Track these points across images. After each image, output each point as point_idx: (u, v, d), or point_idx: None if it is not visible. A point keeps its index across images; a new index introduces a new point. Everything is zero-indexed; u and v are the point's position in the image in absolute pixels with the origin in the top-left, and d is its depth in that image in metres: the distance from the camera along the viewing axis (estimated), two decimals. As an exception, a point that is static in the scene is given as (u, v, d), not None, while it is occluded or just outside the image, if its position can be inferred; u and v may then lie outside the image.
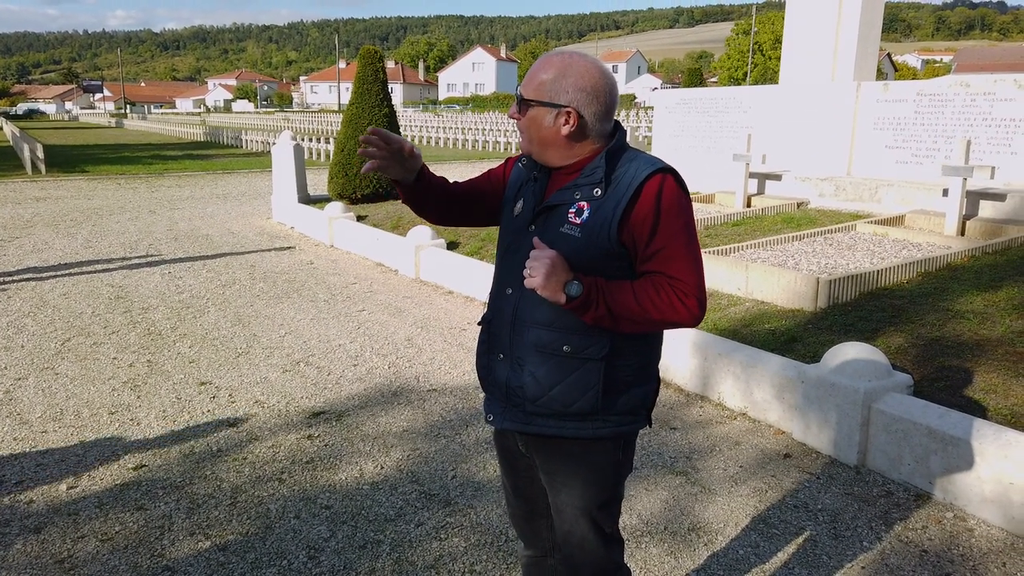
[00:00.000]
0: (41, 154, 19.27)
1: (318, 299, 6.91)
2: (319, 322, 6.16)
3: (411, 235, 7.76)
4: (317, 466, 3.68)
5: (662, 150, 10.94)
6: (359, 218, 9.77)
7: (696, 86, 41.76)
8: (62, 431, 4.08)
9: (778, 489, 3.43)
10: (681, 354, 4.59)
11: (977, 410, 3.58)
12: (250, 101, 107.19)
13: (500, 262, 1.88)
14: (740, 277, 5.62)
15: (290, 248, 9.42)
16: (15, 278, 7.73)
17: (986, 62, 63.52)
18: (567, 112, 1.68)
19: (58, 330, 5.94)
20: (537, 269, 1.61)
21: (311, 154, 23.92)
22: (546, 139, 1.72)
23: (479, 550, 2.97)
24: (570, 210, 1.71)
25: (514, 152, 26.20)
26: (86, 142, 33.57)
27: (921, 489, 3.35)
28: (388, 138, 1.79)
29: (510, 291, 1.80)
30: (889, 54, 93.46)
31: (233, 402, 4.50)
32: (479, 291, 6.75)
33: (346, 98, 14.11)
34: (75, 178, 18.03)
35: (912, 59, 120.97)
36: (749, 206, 8.66)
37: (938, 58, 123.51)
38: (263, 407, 4.42)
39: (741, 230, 7.46)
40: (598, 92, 1.69)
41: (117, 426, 4.15)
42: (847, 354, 3.70)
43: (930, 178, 7.59)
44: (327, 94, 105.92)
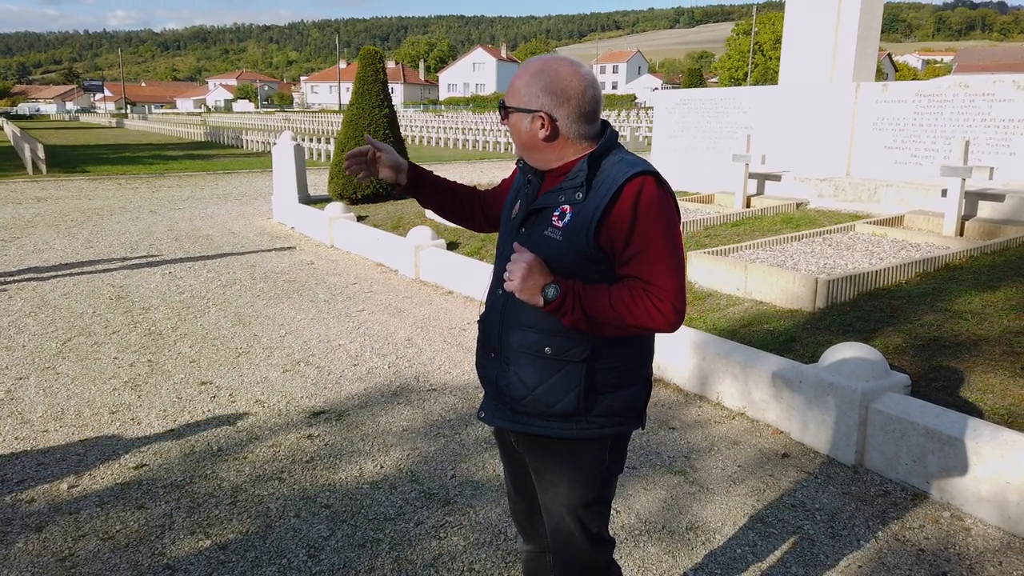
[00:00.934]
0: (42, 154, 19.30)
1: (318, 299, 6.92)
2: (319, 322, 6.18)
3: (411, 235, 7.78)
4: (317, 465, 3.69)
5: (662, 150, 10.96)
6: (359, 218, 9.79)
7: (696, 86, 41.78)
8: (63, 430, 4.10)
9: (776, 488, 3.44)
10: (680, 354, 4.60)
11: (974, 410, 3.59)
12: (251, 101, 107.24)
13: (496, 262, 1.93)
14: (739, 277, 5.63)
15: (290, 248, 9.43)
16: (16, 278, 7.74)
17: (987, 62, 63.51)
18: (540, 116, 1.70)
19: (59, 330, 5.96)
20: (514, 272, 1.65)
21: (311, 154, 23.94)
22: (526, 143, 1.77)
23: (478, 549, 2.99)
24: (554, 213, 1.72)
25: (513, 152, 26.09)
26: (87, 142, 33.60)
27: (918, 488, 3.37)
28: (359, 152, 2.05)
29: (500, 291, 1.84)
30: (890, 54, 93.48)
31: (233, 402, 4.51)
32: (479, 291, 6.77)
33: (347, 98, 14.13)
34: (76, 178, 18.06)
35: (913, 59, 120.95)
36: (748, 206, 8.68)
37: (938, 58, 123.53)
38: (263, 407, 4.44)
39: (740, 230, 7.48)
40: (569, 95, 1.69)
41: (118, 425, 4.16)
42: (845, 354, 3.72)
43: (929, 179, 7.60)
44: (328, 94, 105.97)
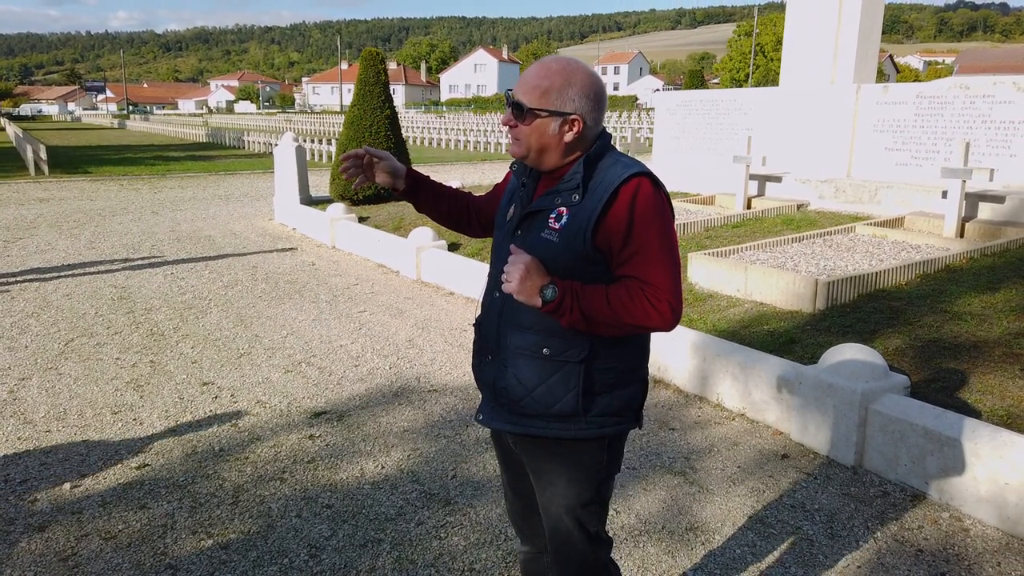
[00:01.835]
0: (44, 155, 19.34)
1: (320, 300, 6.94)
2: (321, 323, 6.19)
3: (412, 236, 7.80)
4: (318, 466, 3.71)
5: (663, 151, 10.98)
6: (361, 219, 9.81)
7: (697, 88, 41.79)
8: (66, 431, 4.11)
9: (775, 489, 3.45)
10: (680, 355, 4.61)
11: (973, 411, 3.60)
12: (252, 102, 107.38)
13: (491, 265, 1.95)
14: (739, 278, 5.64)
15: (292, 249, 9.45)
16: (19, 279, 7.77)
17: (988, 64, 63.48)
18: (573, 120, 1.71)
19: (61, 331, 5.98)
20: (512, 273, 1.65)
21: (313, 155, 23.98)
22: (546, 145, 1.75)
23: (479, 549, 3.00)
24: (551, 215, 1.74)
25: (516, 153, 26.03)
26: (89, 143, 33.65)
27: (917, 489, 3.38)
28: (355, 155, 2.09)
29: (497, 294, 1.84)
30: (891, 56, 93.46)
31: (235, 402, 4.53)
32: (480, 292, 6.78)
33: (348, 99, 14.16)
34: (78, 179, 18.09)
35: (914, 60, 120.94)
36: (749, 208, 8.69)
37: (940, 59, 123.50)
38: (265, 407, 4.45)
39: (741, 232, 7.49)
40: (599, 99, 1.74)
41: (120, 426, 4.18)
42: (845, 355, 3.73)
43: (929, 180, 7.61)
44: (329, 95, 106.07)
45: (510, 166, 1.98)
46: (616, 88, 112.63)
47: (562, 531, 1.92)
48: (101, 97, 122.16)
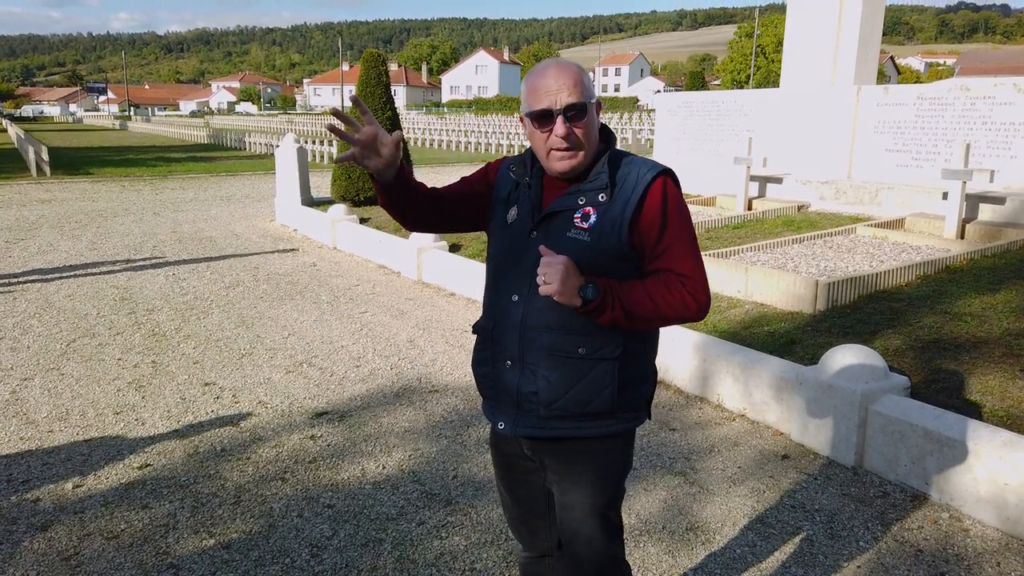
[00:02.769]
0: (46, 156, 19.37)
1: (321, 301, 6.95)
2: (322, 324, 6.21)
3: (414, 237, 7.81)
4: (320, 466, 3.72)
5: (664, 152, 10.99)
6: (362, 220, 9.82)
7: (698, 89, 41.74)
8: (68, 431, 4.13)
9: (776, 489, 3.46)
10: (681, 356, 4.62)
11: (973, 412, 3.61)
12: (253, 103, 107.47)
13: (498, 269, 1.87)
14: (740, 279, 5.65)
15: (293, 250, 9.47)
16: (21, 280, 7.78)
17: (989, 65, 63.49)
18: (597, 103, 1.76)
19: (64, 331, 6.00)
20: (552, 275, 1.62)
21: (314, 156, 24.00)
22: (594, 139, 1.76)
23: (480, 548, 3.01)
24: (575, 215, 1.74)
25: (515, 154, 26.06)
26: (90, 144, 33.69)
27: (917, 490, 3.38)
28: (357, 120, 1.74)
29: (516, 298, 1.79)
30: (892, 57, 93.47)
31: (237, 402, 4.54)
32: (481, 293, 6.79)
33: (349, 101, 14.11)
34: (79, 180, 18.12)
35: (915, 62, 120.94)
36: (750, 209, 8.70)
37: (941, 61, 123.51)
38: (266, 407, 4.46)
39: (742, 233, 7.50)
40: None
41: (122, 426, 4.19)
42: (845, 356, 3.74)
43: (930, 181, 7.62)
44: (330, 96, 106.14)
45: (506, 166, 1.91)
46: (617, 89, 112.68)
47: (585, 532, 1.89)
48: (103, 98, 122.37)
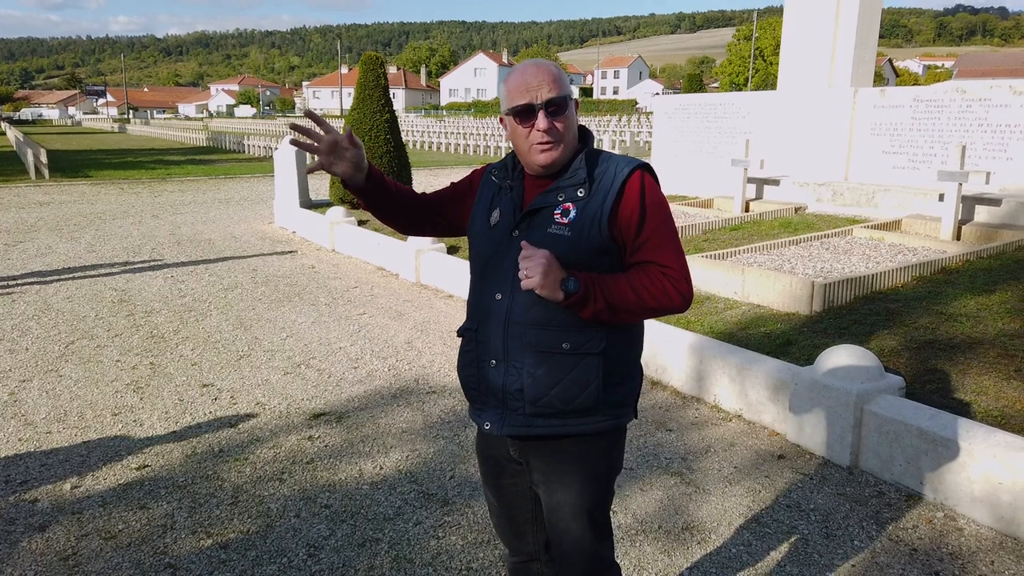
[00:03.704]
0: (44, 159, 19.38)
1: (319, 303, 6.97)
2: (320, 325, 6.22)
3: (412, 240, 7.83)
4: (317, 466, 3.73)
5: (662, 155, 11.02)
6: (360, 223, 9.84)
7: (696, 92, 41.84)
8: (66, 432, 4.14)
9: (771, 489, 3.47)
10: (677, 356, 4.64)
11: (968, 412, 3.63)
12: (252, 106, 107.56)
13: (482, 271, 1.87)
14: (737, 281, 5.67)
15: (292, 252, 9.48)
16: (19, 282, 7.79)
17: (987, 68, 63.60)
18: (575, 100, 1.79)
19: (62, 333, 6.01)
20: (533, 269, 1.63)
21: (313, 159, 23.99)
22: (574, 132, 1.80)
23: (476, 548, 3.02)
24: (555, 211, 1.76)
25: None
26: (89, 147, 33.71)
27: (912, 489, 3.40)
28: (320, 123, 1.86)
29: (499, 296, 1.80)
30: (891, 60, 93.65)
31: (235, 404, 4.55)
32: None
33: (348, 103, 14.20)
34: (78, 183, 18.13)
35: (914, 65, 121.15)
36: (747, 211, 8.72)
37: (940, 64, 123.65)
38: (264, 409, 4.47)
39: (739, 235, 7.52)
40: None
41: (120, 427, 4.20)
42: (840, 356, 3.75)
43: (926, 183, 7.65)
44: (329, 99, 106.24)
45: (489, 172, 1.95)
46: (616, 92, 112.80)
47: (574, 533, 1.89)
48: (102, 101, 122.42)
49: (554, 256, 1.67)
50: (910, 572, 2.85)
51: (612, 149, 22.17)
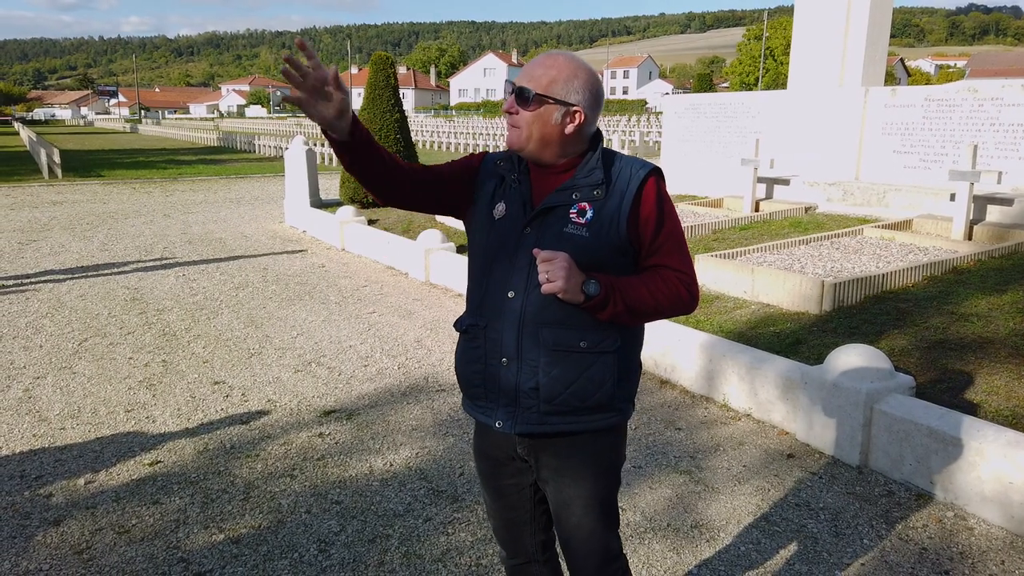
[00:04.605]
0: (57, 159, 19.54)
1: (329, 301, 7.00)
2: (330, 324, 6.25)
3: (421, 238, 7.85)
4: (328, 463, 3.76)
5: (672, 155, 11.00)
6: (370, 222, 9.88)
7: (706, 91, 41.73)
8: (80, 428, 4.18)
9: (781, 488, 3.47)
10: (686, 355, 4.64)
11: (978, 411, 3.62)
12: (263, 106, 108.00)
13: (487, 266, 1.84)
14: (746, 280, 5.66)
15: (302, 251, 9.53)
16: (33, 280, 7.87)
17: (1000, 67, 63.14)
18: (575, 111, 1.73)
19: (75, 331, 6.06)
20: (555, 273, 1.63)
21: (323, 159, 24.11)
22: (547, 136, 1.74)
23: (485, 544, 3.04)
24: (571, 211, 1.75)
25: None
26: (101, 147, 33.94)
27: (922, 489, 3.39)
28: (310, 57, 1.62)
29: (512, 294, 1.78)
30: (902, 59, 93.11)
31: (246, 401, 4.59)
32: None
33: (358, 103, 14.21)
34: (91, 182, 18.27)
35: (926, 64, 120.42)
36: (757, 210, 8.70)
37: (952, 63, 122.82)
38: (275, 406, 4.51)
39: (749, 234, 7.51)
40: (599, 96, 1.78)
41: (133, 423, 4.24)
42: (850, 356, 3.75)
43: (938, 183, 7.61)
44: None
45: (492, 159, 1.90)
46: (625, 92, 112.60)
47: (586, 527, 1.90)
48: (114, 102, 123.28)
49: (572, 258, 1.67)
50: (920, 571, 2.84)
51: (622, 149, 22.14)
